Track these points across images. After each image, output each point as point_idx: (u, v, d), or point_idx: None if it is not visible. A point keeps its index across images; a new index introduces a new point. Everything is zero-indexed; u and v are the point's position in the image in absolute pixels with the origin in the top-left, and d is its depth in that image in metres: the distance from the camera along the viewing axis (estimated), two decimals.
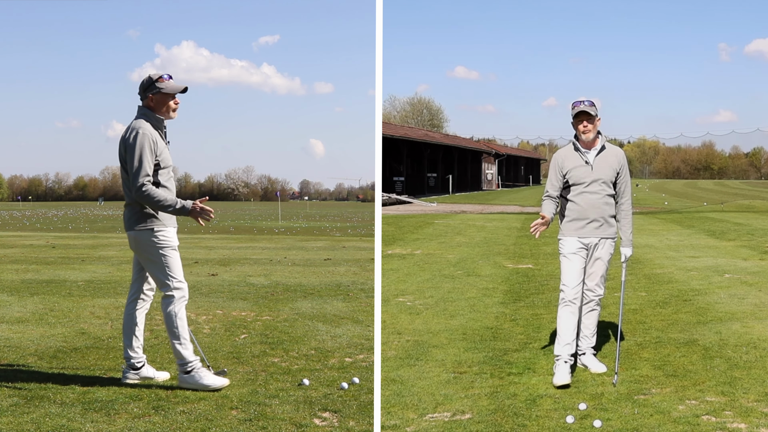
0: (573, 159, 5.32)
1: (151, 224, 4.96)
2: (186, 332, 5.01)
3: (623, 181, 5.37)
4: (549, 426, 4.25)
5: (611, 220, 5.35)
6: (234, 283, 10.20)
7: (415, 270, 10.58)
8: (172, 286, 4.98)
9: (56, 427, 4.19)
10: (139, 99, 5.08)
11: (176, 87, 5.04)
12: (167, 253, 4.98)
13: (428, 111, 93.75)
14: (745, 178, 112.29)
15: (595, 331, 5.47)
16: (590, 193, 5.26)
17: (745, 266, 10.73)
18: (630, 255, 5.46)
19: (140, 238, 4.97)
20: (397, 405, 4.60)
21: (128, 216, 5.03)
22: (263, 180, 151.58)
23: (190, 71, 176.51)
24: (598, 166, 5.28)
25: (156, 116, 5.02)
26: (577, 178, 5.29)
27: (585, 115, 5.23)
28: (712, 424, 4.23)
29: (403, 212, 27.38)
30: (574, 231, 5.31)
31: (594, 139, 5.30)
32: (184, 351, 4.96)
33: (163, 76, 5.04)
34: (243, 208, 77.64)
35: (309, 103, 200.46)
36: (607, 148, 5.33)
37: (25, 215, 47.76)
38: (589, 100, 5.25)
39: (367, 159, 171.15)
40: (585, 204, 5.27)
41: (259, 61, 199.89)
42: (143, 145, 4.86)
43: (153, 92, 5.00)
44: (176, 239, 5.10)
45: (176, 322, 4.96)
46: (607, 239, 5.32)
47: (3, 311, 7.79)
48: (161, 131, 5.05)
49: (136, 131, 4.90)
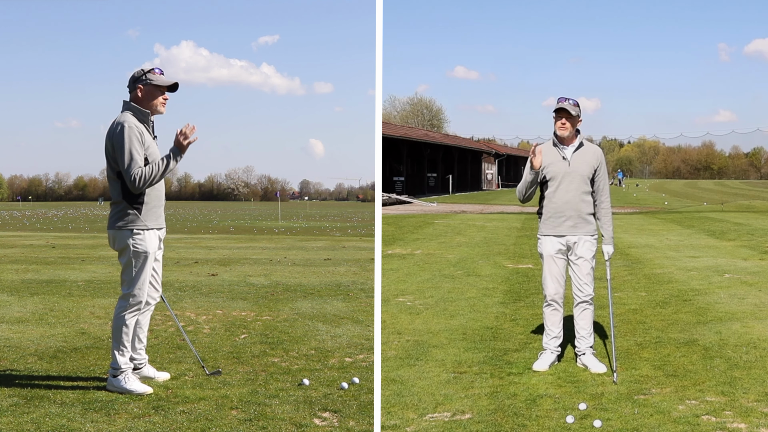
0: (551, 154, 5.40)
1: (131, 225, 4.90)
2: (128, 340, 4.95)
3: (601, 178, 5.43)
4: (549, 426, 4.25)
5: (589, 218, 5.39)
6: (234, 283, 10.20)
7: (415, 270, 10.58)
8: (130, 293, 4.94)
9: (56, 427, 4.19)
10: (128, 92, 4.98)
11: (167, 80, 4.97)
12: (140, 259, 4.92)
13: (428, 111, 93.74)
14: (745, 178, 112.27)
15: (591, 331, 5.47)
16: (566, 190, 5.32)
17: (745, 266, 10.73)
18: (612, 252, 5.48)
19: (118, 237, 4.92)
20: (397, 405, 4.60)
21: (112, 214, 4.97)
22: (263, 180, 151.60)
23: (190, 71, 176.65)
24: (575, 162, 5.35)
25: (142, 110, 4.92)
26: (553, 172, 5.36)
27: (565, 112, 5.30)
28: (712, 424, 4.23)
29: (403, 212, 27.38)
30: (552, 229, 5.38)
31: (572, 137, 5.38)
32: (120, 358, 4.92)
33: (155, 69, 4.96)
34: (243, 208, 77.65)
35: (308, 103, 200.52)
36: (585, 146, 5.42)
37: (25, 215, 47.76)
38: (574, 100, 5.32)
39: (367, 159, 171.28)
40: (560, 201, 5.34)
41: (258, 60, 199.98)
42: (131, 138, 4.78)
43: (143, 83, 4.92)
44: (156, 243, 5.02)
45: (122, 328, 4.92)
46: (585, 237, 5.35)
47: (3, 311, 7.79)
48: (148, 125, 4.96)
49: (122, 125, 4.81)
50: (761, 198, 40.42)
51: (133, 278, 4.93)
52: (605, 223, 5.45)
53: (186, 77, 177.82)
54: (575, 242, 5.36)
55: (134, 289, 4.93)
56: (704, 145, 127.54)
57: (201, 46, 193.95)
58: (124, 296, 4.95)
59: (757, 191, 53.90)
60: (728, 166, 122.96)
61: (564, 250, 5.39)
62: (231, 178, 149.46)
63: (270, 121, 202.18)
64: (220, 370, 5.29)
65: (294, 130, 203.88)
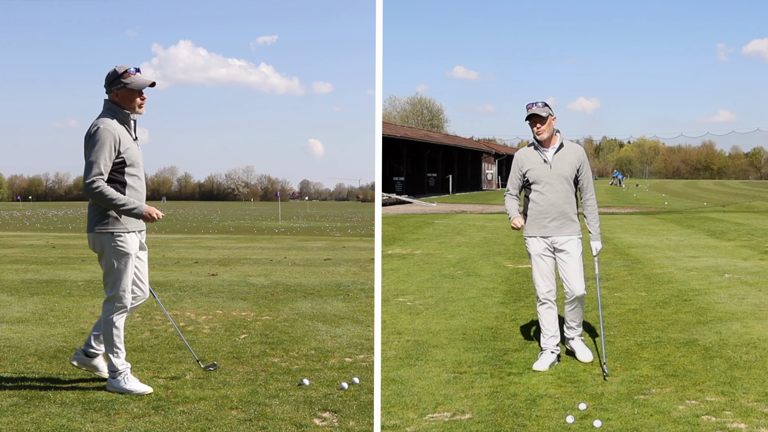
0: (532, 158, 5.49)
1: (111, 227, 4.82)
2: (120, 341, 4.94)
3: (585, 177, 5.51)
4: (549, 426, 4.25)
5: (574, 217, 5.47)
6: (234, 283, 10.20)
7: (415, 270, 10.58)
8: (115, 295, 4.90)
9: (56, 427, 4.19)
10: (105, 93, 4.85)
11: (143, 82, 4.81)
12: (122, 261, 4.86)
13: (428, 111, 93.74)
14: (745, 178, 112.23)
15: (581, 323, 5.63)
16: (550, 192, 5.41)
17: (745, 266, 10.73)
18: (600, 248, 5.57)
19: (98, 240, 4.86)
20: (397, 405, 4.60)
21: (90, 216, 4.89)
22: (263, 180, 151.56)
23: (188, 71, 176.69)
24: (556, 164, 5.43)
25: (123, 111, 4.81)
26: (536, 176, 5.44)
27: (537, 117, 5.38)
28: (712, 424, 4.23)
29: (403, 212, 27.38)
30: (537, 230, 5.47)
31: (551, 137, 5.45)
32: (115, 359, 4.90)
33: (130, 69, 4.79)
34: (243, 208, 77.63)
35: (308, 103, 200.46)
36: (565, 146, 5.49)
37: (25, 215, 47.76)
38: (542, 102, 5.41)
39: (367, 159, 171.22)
40: (545, 203, 5.42)
41: (257, 60, 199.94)
42: (103, 142, 4.66)
43: (117, 87, 4.79)
44: (136, 245, 4.96)
45: (112, 330, 4.90)
46: (571, 236, 5.45)
47: (3, 311, 7.79)
48: (128, 126, 4.86)
49: (98, 127, 4.70)
50: (761, 198, 40.43)
51: (116, 280, 4.88)
52: (591, 219, 5.55)
53: (184, 77, 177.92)
54: (561, 242, 5.46)
55: (119, 291, 4.89)
56: (704, 145, 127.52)
57: (199, 46, 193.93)
58: (109, 299, 4.92)
59: (757, 191, 53.89)
60: (728, 166, 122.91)
61: (551, 249, 5.49)
62: (231, 178, 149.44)
63: (269, 121, 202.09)
64: (215, 363, 5.30)
65: (293, 130, 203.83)
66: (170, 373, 5.31)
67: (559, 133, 5.50)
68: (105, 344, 4.96)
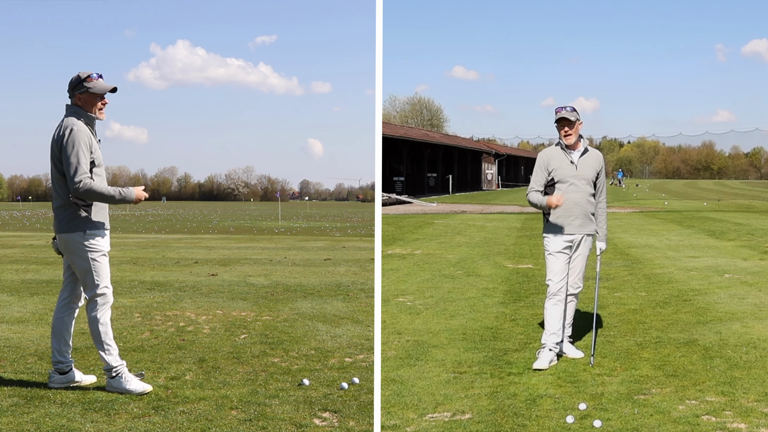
0: (559, 158, 5.71)
1: (84, 226, 4.89)
2: (110, 338, 4.95)
3: (601, 180, 5.82)
4: (549, 426, 4.25)
5: (592, 217, 5.76)
6: (234, 283, 10.20)
7: (415, 270, 10.58)
8: (97, 291, 4.93)
9: (56, 427, 4.19)
10: (68, 97, 4.98)
11: (104, 87, 4.96)
12: (96, 258, 4.92)
13: (428, 111, 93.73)
14: (745, 178, 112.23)
15: (571, 322, 5.90)
16: (574, 192, 5.64)
17: (745, 266, 10.73)
18: (604, 248, 5.92)
19: (71, 240, 4.90)
20: (397, 405, 4.60)
21: (60, 218, 4.94)
22: (263, 180, 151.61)
23: (186, 71, 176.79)
24: (581, 166, 5.69)
25: (87, 114, 4.94)
26: (562, 175, 5.67)
27: (566, 121, 5.61)
28: (712, 424, 4.23)
29: (403, 212, 27.38)
30: (560, 228, 5.66)
31: (576, 141, 5.70)
32: (107, 357, 4.91)
33: (92, 75, 4.94)
34: (243, 208, 77.65)
35: (307, 103, 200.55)
36: (589, 151, 5.76)
37: (25, 215, 47.76)
38: (570, 106, 5.65)
39: (366, 159, 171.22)
40: (569, 202, 5.64)
41: (255, 60, 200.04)
42: (79, 143, 4.79)
43: (80, 91, 4.92)
44: (108, 245, 5.03)
45: (99, 327, 4.91)
46: (588, 236, 5.74)
47: (3, 311, 7.79)
48: (92, 128, 4.97)
49: (70, 128, 4.81)
50: (761, 198, 40.43)
51: (94, 277, 4.93)
52: (601, 221, 5.84)
53: (183, 77, 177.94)
54: (580, 240, 5.70)
55: (100, 288, 4.94)
56: (704, 145, 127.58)
57: (197, 46, 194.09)
58: (91, 298, 4.95)
59: (757, 191, 53.89)
60: (728, 166, 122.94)
61: (570, 247, 5.70)
62: (231, 178, 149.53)
63: (268, 121, 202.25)
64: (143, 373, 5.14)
65: (293, 130, 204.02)
66: (170, 373, 5.31)
67: (582, 138, 5.73)
68: (95, 343, 4.96)
